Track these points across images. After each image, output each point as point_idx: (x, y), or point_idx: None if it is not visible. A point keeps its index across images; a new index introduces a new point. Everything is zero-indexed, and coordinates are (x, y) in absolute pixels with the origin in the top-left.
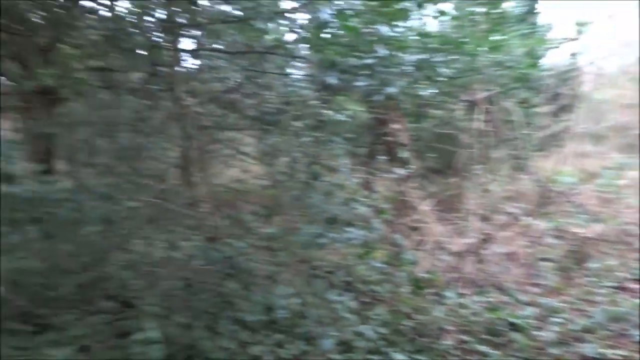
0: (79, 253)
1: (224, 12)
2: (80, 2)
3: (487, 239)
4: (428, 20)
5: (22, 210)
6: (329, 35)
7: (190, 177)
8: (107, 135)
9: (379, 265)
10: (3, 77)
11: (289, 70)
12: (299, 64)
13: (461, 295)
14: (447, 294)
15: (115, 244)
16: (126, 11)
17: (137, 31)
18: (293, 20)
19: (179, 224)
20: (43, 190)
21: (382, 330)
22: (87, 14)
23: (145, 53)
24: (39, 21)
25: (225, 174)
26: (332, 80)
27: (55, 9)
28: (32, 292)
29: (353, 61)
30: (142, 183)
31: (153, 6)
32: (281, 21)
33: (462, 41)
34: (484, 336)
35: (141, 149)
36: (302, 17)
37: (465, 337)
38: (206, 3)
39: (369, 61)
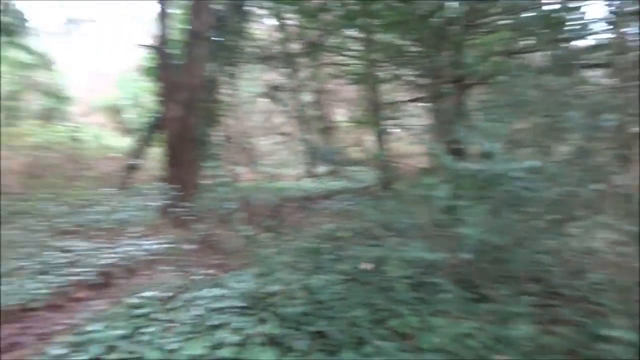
0: (516, 231)
1: None
2: None
3: None
4: None
5: (483, 187)
6: None
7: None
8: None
9: None
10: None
11: None
12: None
13: None
14: None
15: (550, 227)
16: None
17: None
18: None
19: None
20: (503, 169)
21: None
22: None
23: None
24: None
25: None
26: None
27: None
28: (472, 263)
29: None
30: (594, 166)
31: None
32: None
33: None
34: None
35: (587, 130)
36: None
37: None
38: None
39: None
